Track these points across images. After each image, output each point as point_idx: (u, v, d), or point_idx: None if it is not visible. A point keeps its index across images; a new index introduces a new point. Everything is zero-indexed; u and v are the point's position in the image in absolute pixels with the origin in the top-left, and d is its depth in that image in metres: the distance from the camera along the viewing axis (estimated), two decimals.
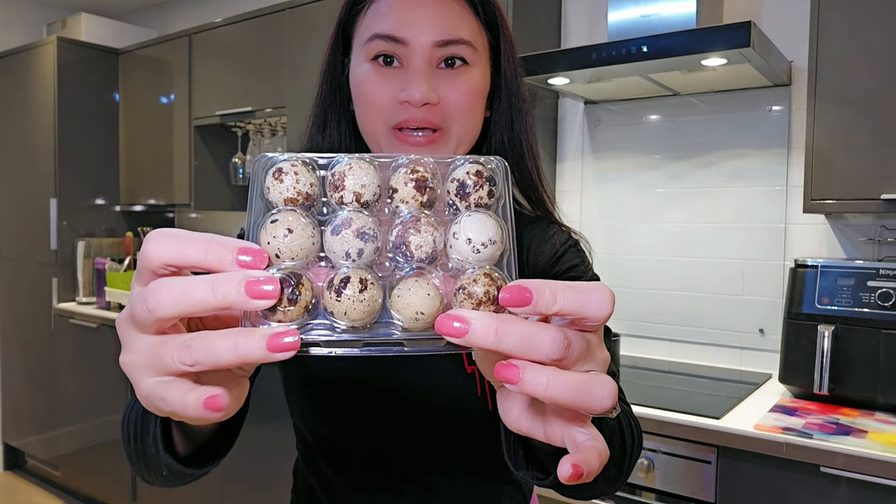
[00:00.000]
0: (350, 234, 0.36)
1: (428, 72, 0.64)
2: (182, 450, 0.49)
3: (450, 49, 0.64)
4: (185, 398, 0.32)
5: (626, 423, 0.59)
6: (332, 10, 2.24)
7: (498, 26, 0.70)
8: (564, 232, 0.78)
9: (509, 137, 0.73)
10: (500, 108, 0.73)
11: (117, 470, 2.88)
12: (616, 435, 0.55)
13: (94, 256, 3.16)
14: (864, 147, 1.51)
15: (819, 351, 1.50)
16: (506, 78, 0.71)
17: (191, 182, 2.98)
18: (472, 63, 0.66)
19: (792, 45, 1.83)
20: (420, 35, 0.63)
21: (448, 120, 0.65)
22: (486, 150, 0.76)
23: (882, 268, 1.51)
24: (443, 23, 0.64)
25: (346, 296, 0.34)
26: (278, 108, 2.61)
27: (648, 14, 1.77)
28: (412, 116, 0.64)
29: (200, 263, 0.34)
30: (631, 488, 1.53)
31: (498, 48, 0.71)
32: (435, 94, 0.64)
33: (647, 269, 2.11)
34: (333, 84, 0.72)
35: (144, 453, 0.49)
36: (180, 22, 3.56)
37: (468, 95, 0.66)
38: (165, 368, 0.33)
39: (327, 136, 0.73)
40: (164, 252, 0.34)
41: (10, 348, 3.48)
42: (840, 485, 1.28)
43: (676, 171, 2.05)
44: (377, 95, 0.65)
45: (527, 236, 0.76)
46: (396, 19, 0.64)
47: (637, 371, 1.92)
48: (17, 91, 3.33)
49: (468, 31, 0.65)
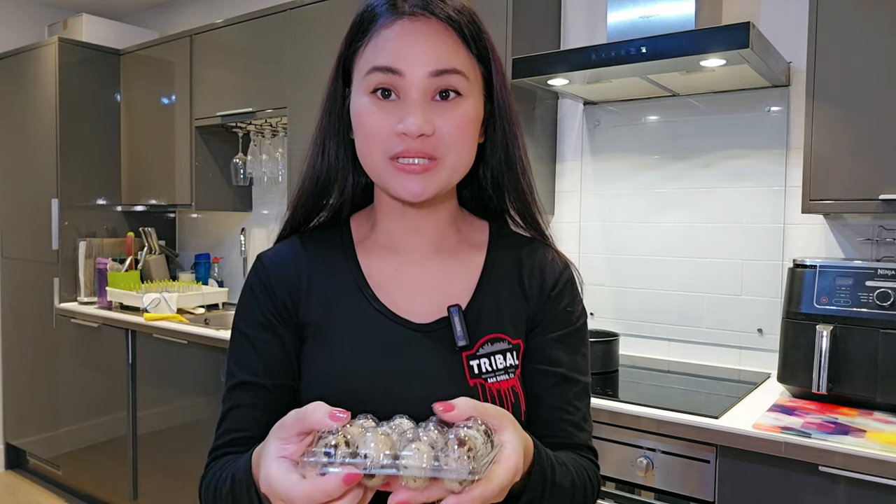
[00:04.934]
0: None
1: (424, 104, 0.68)
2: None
3: (444, 79, 0.69)
4: None
5: (580, 485, 0.71)
6: (332, 11, 2.27)
7: (489, 59, 0.74)
8: (562, 260, 0.82)
9: (505, 160, 0.78)
10: (494, 134, 0.77)
11: (118, 469, 2.89)
12: (565, 494, 0.68)
13: (96, 256, 3.17)
14: (863, 147, 1.52)
15: (817, 350, 1.51)
16: (498, 106, 0.76)
17: (192, 182, 2.98)
18: (466, 94, 0.70)
19: (790, 46, 1.84)
20: (416, 66, 0.68)
21: (442, 150, 0.69)
22: (482, 172, 0.80)
23: (880, 268, 1.52)
24: (437, 55, 0.68)
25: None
26: (279, 108, 2.62)
27: (647, 15, 1.78)
28: (409, 147, 0.68)
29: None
30: (630, 487, 1.54)
31: (490, 79, 0.75)
32: (430, 126, 0.67)
33: (647, 269, 2.12)
34: (333, 114, 0.76)
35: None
36: (181, 23, 3.57)
37: (462, 126, 0.70)
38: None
39: (326, 161, 0.77)
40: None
41: (12, 348, 3.49)
42: (838, 484, 1.29)
43: (675, 172, 2.06)
44: (376, 127, 0.69)
45: (526, 259, 0.81)
46: (394, 53, 0.68)
47: (636, 370, 1.93)
48: (19, 92, 3.34)
49: (461, 63, 0.70)
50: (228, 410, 0.75)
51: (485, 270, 0.79)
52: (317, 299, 0.76)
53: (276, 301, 0.76)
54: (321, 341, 0.74)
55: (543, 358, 0.77)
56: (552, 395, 0.76)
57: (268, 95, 2.66)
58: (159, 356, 2.70)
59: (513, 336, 0.76)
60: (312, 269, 0.77)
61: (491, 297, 0.77)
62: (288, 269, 0.77)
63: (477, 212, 0.85)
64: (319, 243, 0.80)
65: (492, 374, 0.73)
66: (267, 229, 3.20)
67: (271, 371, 0.74)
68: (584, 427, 0.77)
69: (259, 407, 0.73)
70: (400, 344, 0.73)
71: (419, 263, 0.78)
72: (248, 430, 0.73)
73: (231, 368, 0.76)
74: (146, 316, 2.73)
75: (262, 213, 3.23)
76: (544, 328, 0.78)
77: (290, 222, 0.81)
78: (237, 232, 3.31)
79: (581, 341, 0.80)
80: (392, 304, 0.75)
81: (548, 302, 0.79)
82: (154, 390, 2.74)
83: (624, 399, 1.59)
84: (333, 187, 0.78)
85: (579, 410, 0.77)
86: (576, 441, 0.76)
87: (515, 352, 0.76)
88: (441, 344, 0.73)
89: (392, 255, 0.78)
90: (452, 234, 0.80)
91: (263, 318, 0.75)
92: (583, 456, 0.76)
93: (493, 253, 0.81)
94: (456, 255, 0.79)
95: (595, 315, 2.22)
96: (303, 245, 0.79)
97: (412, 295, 0.76)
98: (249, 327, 0.76)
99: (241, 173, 3.06)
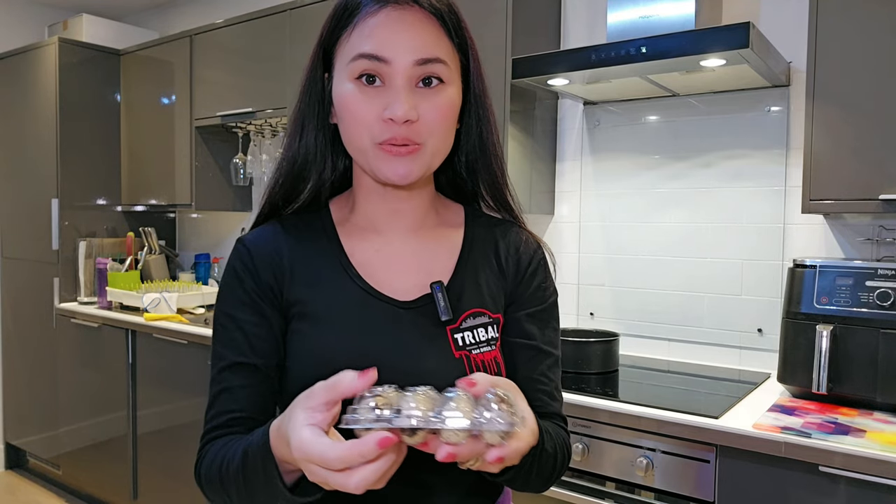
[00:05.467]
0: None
1: (408, 90, 0.71)
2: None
3: (428, 67, 0.71)
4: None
5: (560, 451, 0.78)
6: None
7: (468, 48, 0.77)
8: (534, 240, 0.87)
9: (479, 145, 0.82)
10: (469, 120, 0.80)
11: (118, 469, 2.89)
12: (549, 459, 0.74)
13: (96, 256, 3.17)
14: (863, 147, 1.52)
15: (817, 350, 1.51)
16: (475, 94, 0.79)
17: (192, 182, 2.99)
18: (448, 81, 0.73)
19: (790, 46, 1.84)
20: (401, 54, 0.70)
21: (425, 135, 0.72)
22: (458, 157, 0.84)
23: (880, 268, 1.52)
24: (422, 43, 0.71)
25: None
26: (279, 108, 2.62)
27: (647, 15, 1.78)
28: (396, 134, 0.70)
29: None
30: (630, 487, 1.54)
31: (468, 67, 0.78)
32: (415, 112, 0.70)
33: (647, 269, 2.12)
34: (313, 98, 0.78)
35: (254, 502, 0.68)
36: (181, 23, 3.57)
37: (444, 113, 0.73)
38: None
39: (303, 144, 0.79)
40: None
41: (12, 347, 3.49)
42: (839, 484, 1.29)
43: (675, 172, 2.06)
44: (363, 113, 0.71)
45: (501, 239, 0.85)
46: (379, 40, 0.70)
47: (636, 370, 1.93)
48: (19, 92, 3.34)
49: (444, 52, 0.73)
50: (220, 392, 0.76)
51: (463, 249, 0.83)
52: (300, 279, 0.77)
53: (261, 282, 0.77)
54: (307, 321, 0.76)
55: (518, 332, 0.82)
56: (527, 367, 0.81)
57: (268, 95, 2.66)
58: (159, 356, 2.70)
59: (493, 311, 0.80)
60: (294, 250, 0.79)
61: (471, 274, 0.81)
62: (270, 250, 0.78)
63: (452, 196, 0.88)
64: (299, 226, 0.81)
65: (475, 346, 0.77)
66: None
67: (259, 351, 0.76)
68: (556, 397, 0.83)
69: (251, 387, 0.75)
70: (385, 321, 0.76)
71: (400, 243, 0.81)
72: (243, 411, 0.74)
73: (218, 351, 0.77)
74: (146, 316, 2.73)
75: None
76: (519, 305, 0.83)
77: (269, 205, 0.83)
78: (237, 232, 3.31)
79: (552, 316, 0.85)
80: (376, 283, 0.78)
81: (523, 280, 0.83)
82: (154, 390, 2.74)
83: (624, 399, 1.59)
84: (311, 170, 0.80)
85: (552, 381, 0.83)
86: (550, 410, 0.82)
87: (496, 325, 0.80)
88: (426, 319, 0.76)
89: (373, 236, 0.81)
90: (431, 216, 0.83)
91: (248, 298, 0.77)
92: (556, 424, 0.82)
93: (469, 233, 0.84)
94: (435, 236, 0.83)
95: (595, 315, 2.22)
96: (283, 227, 0.81)
97: (395, 273, 0.79)
98: (235, 309, 0.77)
99: (240, 173, 3.06)
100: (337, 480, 0.55)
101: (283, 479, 0.63)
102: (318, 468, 0.55)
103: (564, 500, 1.61)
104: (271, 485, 0.63)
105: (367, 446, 0.53)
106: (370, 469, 0.54)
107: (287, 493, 0.63)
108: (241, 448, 0.67)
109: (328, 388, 0.57)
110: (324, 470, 0.55)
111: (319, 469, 0.55)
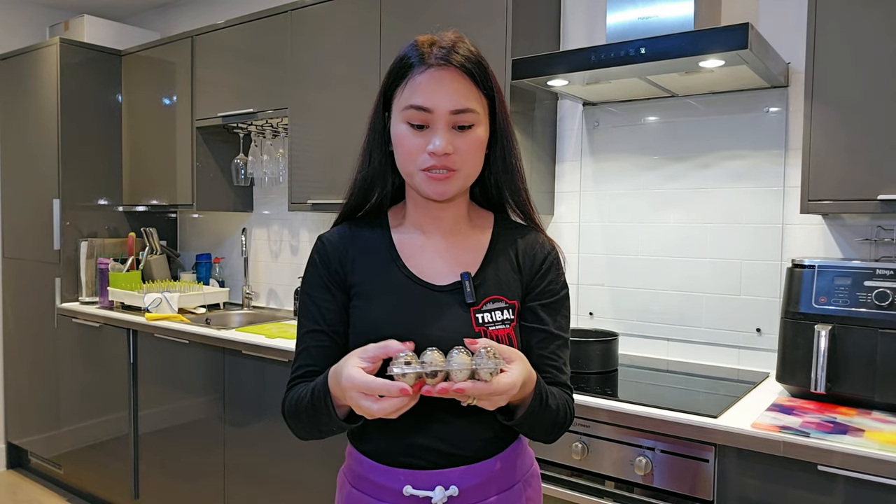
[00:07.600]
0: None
1: (446, 130, 0.93)
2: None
3: (461, 116, 0.94)
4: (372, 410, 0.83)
5: (562, 409, 1.00)
6: (333, 12, 2.29)
7: (494, 93, 0.99)
8: (549, 243, 1.07)
9: (503, 167, 1.04)
10: (496, 148, 1.02)
11: (120, 468, 2.90)
12: (552, 412, 0.97)
13: (97, 256, 3.18)
14: (861, 148, 1.52)
15: (816, 350, 1.52)
16: (500, 128, 1.01)
17: (193, 183, 2.99)
18: (477, 124, 0.96)
19: (789, 47, 1.85)
20: (441, 106, 0.93)
21: (459, 164, 0.95)
22: (488, 176, 1.05)
23: (879, 268, 1.53)
24: (457, 97, 0.93)
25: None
26: (280, 109, 2.63)
27: (647, 16, 1.78)
28: (436, 163, 0.94)
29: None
30: (629, 486, 1.55)
31: (494, 107, 0.99)
32: (451, 147, 0.93)
33: (646, 269, 2.12)
34: (376, 132, 1.02)
35: (318, 426, 0.96)
36: (183, 23, 3.58)
37: (473, 147, 0.96)
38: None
39: (371, 168, 1.03)
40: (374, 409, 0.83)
41: (14, 347, 3.50)
42: (837, 483, 1.29)
43: (674, 172, 2.07)
44: (413, 147, 0.95)
45: (521, 241, 1.07)
46: (425, 95, 0.93)
47: (635, 370, 1.93)
48: (21, 92, 3.35)
49: (473, 101, 0.95)
50: (301, 351, 1.02)
51: (489, 248, 1.04)
52: (360, 268, 1.02)
53: (331, 269, 1.02)
54: (363, 298, 1.00)
55: (534, 319, 1.03)
56: (540, 346, 1.02)
57: (269, 96, 2.67)
58: (160, 356, 2.71)
59: (509, 298, 1.01)
60: (357, 246, 1.04)
61: (493, 268, 1.02)
62: (340, 245, 1.04)
63: (484, 204, 1.11)
64: (363, 228, 1.06)
65: (492, 323, 0.98)
66: (268, 229, 3.21)
67: (329, 321, 1.01)
68: (564, 370, 1.04)
69: (322, 348, 1.01)
70: (423, 300, 0.99)
71: (439, 242, 1.04)
72: (315, 365, 1.00)
73: (301, 321, 1.03)
74: (147, 316, 2.74)
75: (262, 213, 3.23)
76: (535, 297, 1.03)
77: (344, 213, 1.07)
78: (238, 232, 3.32)
79: (563, 306, 1.06)
80: (417, 271, 1.01)
81: (537, 276, 1.04)
82: (155, 390, 2.75)
83: (623, 398, 1.59)
84: (376, 187, 1.04)
85: (561, 358, 1.03)
86: (559, 380, 1.02)
87: (511, 309, 1.01)
88: (454, 300, 0.99)
89: (418, 237, 1.04)
90: (465, 221, 1.06)
91: (322, 282, 1.02)
92: (562, 391, 1.02)
93: (496, 235, 1.06)
94: (467, 237, 1.05)
95: (595, 315, 2.23)
96: (350, 229, 1.06)
97: (433, 265, 1.02)
98: (312, 289, 1.03)
99: (241, 174, 3.07)
100: (367, 404, 0.81)
101: (336, 410, 0.90)
102: (358, 394, 0.81)
103: (564, 499, 1.62)
104: (328, 412, 0.91)
105: (394, 387, 0.79)
106: (391, 402, 0.80)
107: (338, 419, 0.91)
108: (310, 388, 0.94)
109: (381, 347, 0.84)
110: (361, 396, 0.81)
111: (358, 394, 0.81)
